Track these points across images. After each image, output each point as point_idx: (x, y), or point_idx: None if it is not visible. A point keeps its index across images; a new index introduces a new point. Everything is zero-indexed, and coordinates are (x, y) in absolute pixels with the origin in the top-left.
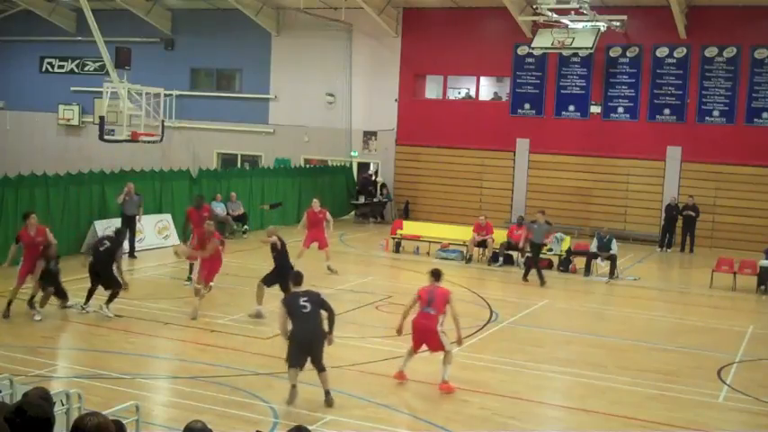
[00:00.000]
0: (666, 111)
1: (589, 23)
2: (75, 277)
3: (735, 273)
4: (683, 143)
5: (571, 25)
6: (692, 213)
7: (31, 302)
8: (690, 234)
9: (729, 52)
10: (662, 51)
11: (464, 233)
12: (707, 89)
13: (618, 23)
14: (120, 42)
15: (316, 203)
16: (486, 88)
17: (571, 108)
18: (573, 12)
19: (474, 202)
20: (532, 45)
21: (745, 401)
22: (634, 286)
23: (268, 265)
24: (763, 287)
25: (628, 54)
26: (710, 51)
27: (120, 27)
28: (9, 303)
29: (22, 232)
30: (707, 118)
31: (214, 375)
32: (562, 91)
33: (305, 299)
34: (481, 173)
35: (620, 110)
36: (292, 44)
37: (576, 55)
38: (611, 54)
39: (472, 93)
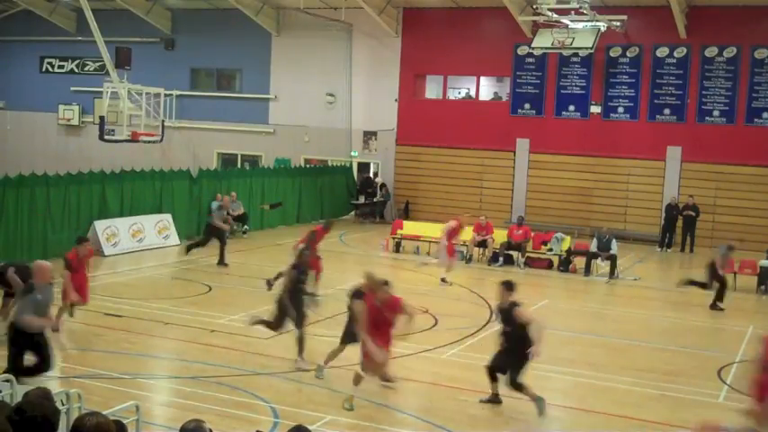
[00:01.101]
0: (666, 111)
1: (589, 23)
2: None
3: (735, 273)
4: (683, 143)
5: (571, 25)
6: (693, 213)
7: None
8: (690, 234)
9: (729, 52)
10: (662, 51)
11: (464, 233)
12: (707, 89)
13: (618, 23)
14: (120, 42)
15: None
16: (487, 88)
17: (571, 108)
18: (573, 12)
19: (474, 202)
20: (532, 45)
21: (745, 401)
22: (634, 286)
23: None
24: (763, 287)
25: (628, 54)
26: (711, 51)
27: (120, 27)
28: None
29: (73, 255)
30: (707, 118)
31: (214, 375)
32: (562, 91)
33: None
34: (481, 173)
35: (621, 110)
36: (292, 44)
37: (576, 55)
38: (612, 54)
39: (472, 93)
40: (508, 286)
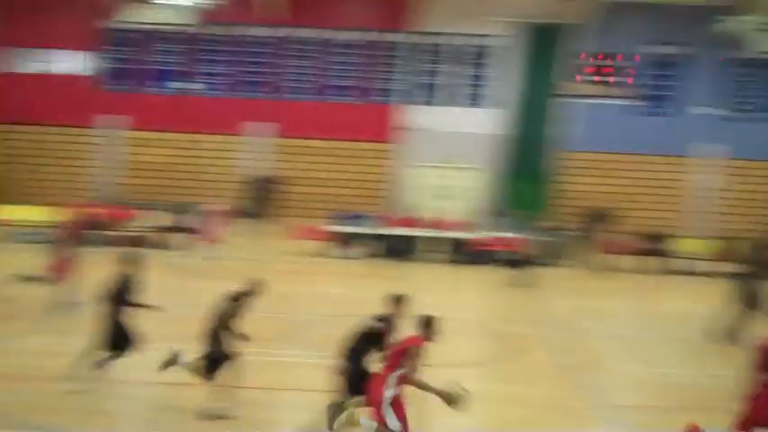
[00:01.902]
0: (255, 87)
1: (184, 1)
2: None
3: (309, 239)
4: (269, 118)
5: (165, 2)
6: (272, 185)
7: None
8: (269, 205)
9: (317, 33)
10: (255, 30)
11: (52, 214)
12: (295, 67)
13: (214, 1)
14: None
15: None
16: (74, 62)
17: (163, 84)
18: None
19: (73, 182)
20: (125, 19)
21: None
22: (214, 258)
23: None
24: (340, 250)
25: (222, 32)
26: (299, 32)
27: None
28: None
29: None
30: (293, 95)
31: None
32: (154, 66)
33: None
34: (78, 151)
35: (211, 85)
36: None
37: (169, 31)
38: (205, 31)
39: (55, 67)
40: (400, 300)
